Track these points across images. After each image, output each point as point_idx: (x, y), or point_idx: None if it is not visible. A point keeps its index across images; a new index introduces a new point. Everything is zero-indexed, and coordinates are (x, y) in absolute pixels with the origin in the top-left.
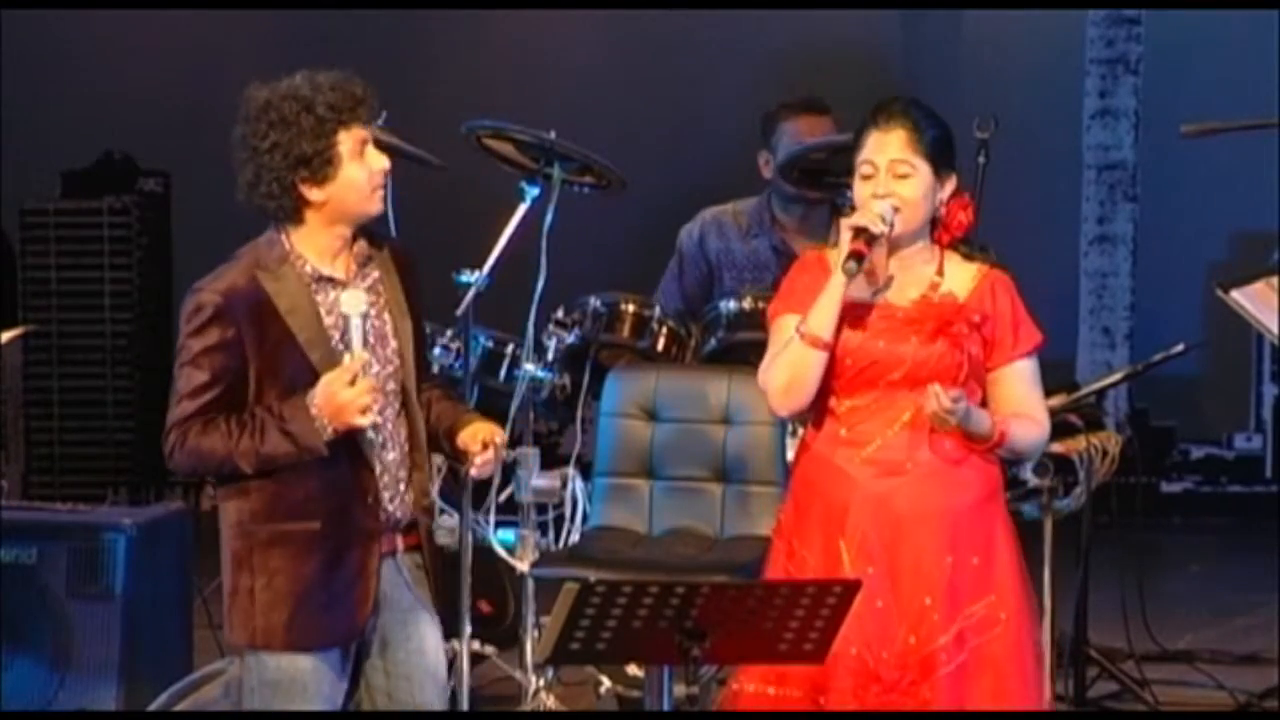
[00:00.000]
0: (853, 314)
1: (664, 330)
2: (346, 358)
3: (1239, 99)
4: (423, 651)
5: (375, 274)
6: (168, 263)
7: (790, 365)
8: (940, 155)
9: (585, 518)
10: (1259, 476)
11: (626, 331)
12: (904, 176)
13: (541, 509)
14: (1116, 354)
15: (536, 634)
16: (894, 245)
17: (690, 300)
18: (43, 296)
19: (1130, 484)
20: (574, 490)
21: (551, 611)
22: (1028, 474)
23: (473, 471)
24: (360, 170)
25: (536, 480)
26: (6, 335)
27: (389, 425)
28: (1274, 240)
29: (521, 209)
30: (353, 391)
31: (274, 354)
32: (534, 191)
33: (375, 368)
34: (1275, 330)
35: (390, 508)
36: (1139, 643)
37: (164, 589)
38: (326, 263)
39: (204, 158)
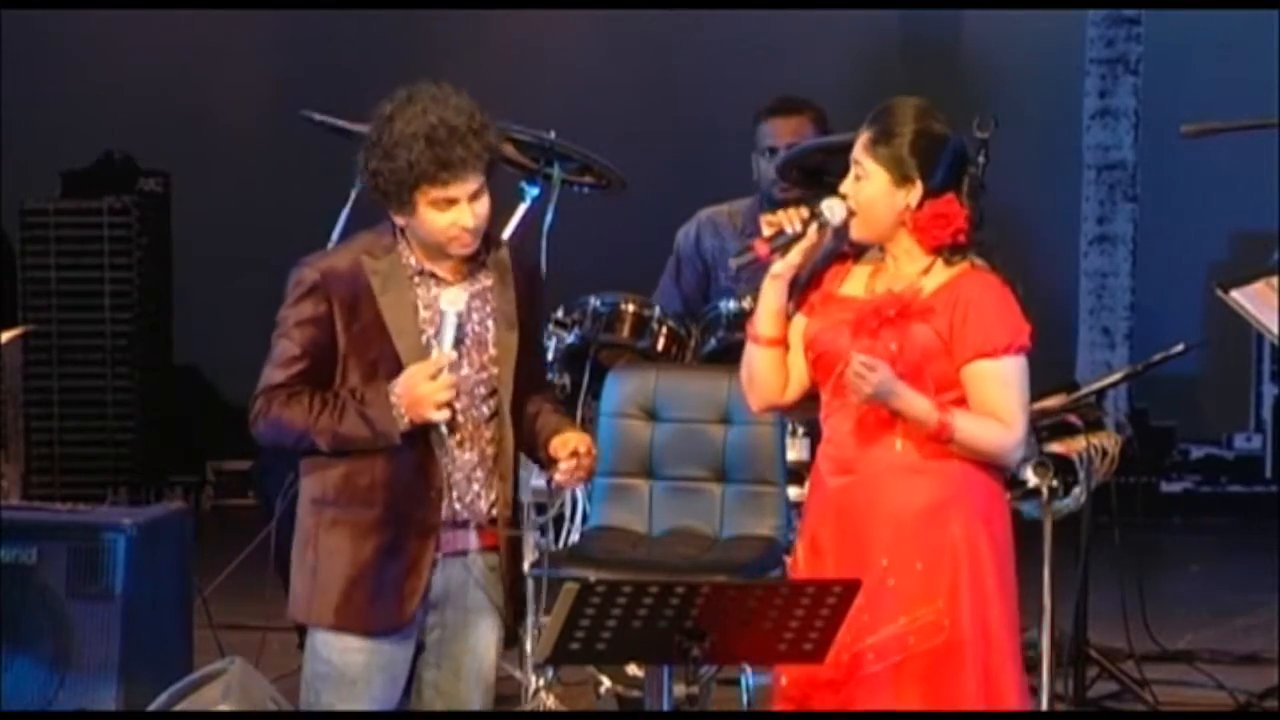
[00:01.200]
0: (825, 306)
1: (664, 330)
2: (434, 352)
3: (1239, 99)
4: (476, 651)
5: (487, 282)
6: (168, 263)
7: (746, 363)
8: (897, 162)
9: (585, 518)
10: (1259, 476)
11: (626, 331)
12: (859, 178)
13: (541, 509)
14: (1116, 354)
15: (536, 634)
16: (866, 243)
17: (688, 301)
18: (43, 296)
19: (1130, 484)
20: (574, 490)
21: (551, 611)
22: (1027, 474)
23: (556, 477)
24: (439, 219)
25: (536, 480)
26: (6, 335)
27: (469, 426)
28: (1274, 240)
29: (521, 209)
30: (433, 386)
31: (362, 335)
32: (534, 191)
33: (465, 370)
34: (1275, 330)
35: (458, 507)
36: (1139, 643)
37: (164, 589)
38: (433, 259)
39: (204, 158)
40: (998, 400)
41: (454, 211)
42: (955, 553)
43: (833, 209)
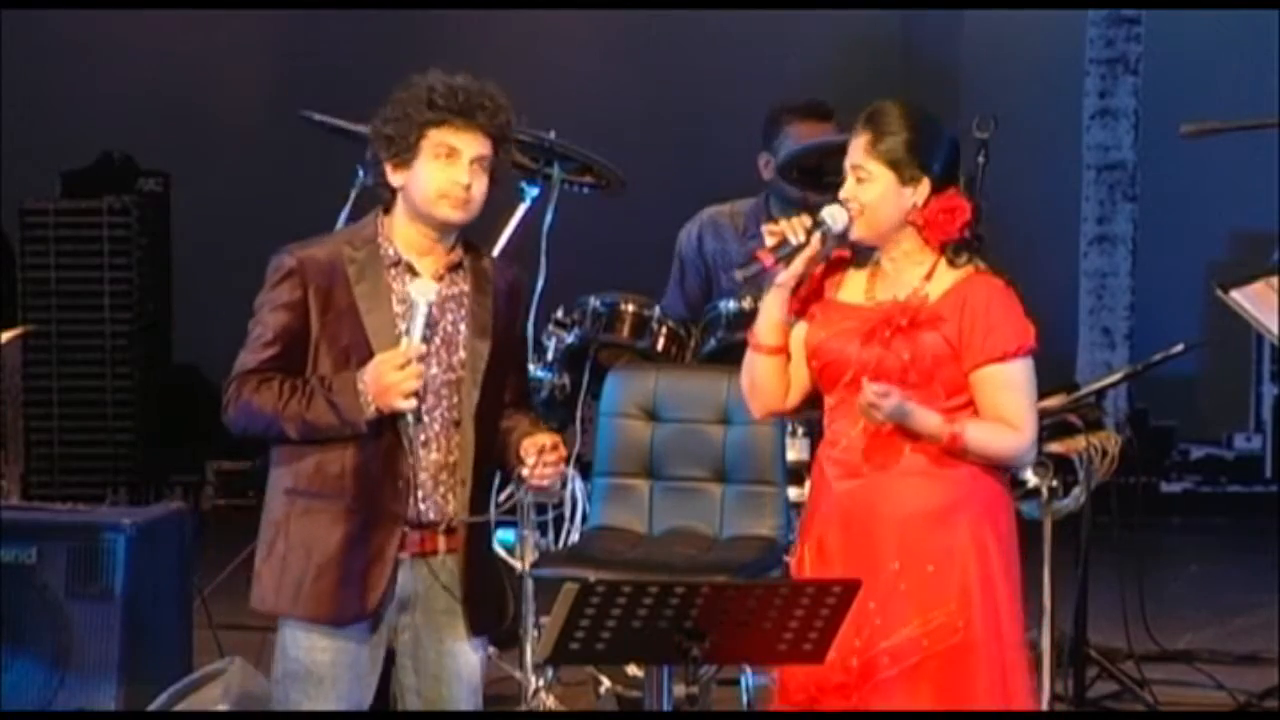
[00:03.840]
0: (827, 314)
1: (664, 330)
2: (404, 342)
3: (1239, 99)
4: (453, 654)
5: (464, 286)
6: (167, 263)
7: (747, 370)
8: (902, 161)
9: (585, 518)
10: (1259, 476)
11: (626, 331)
12: (861, 181)
13: (541, 509)
14: (1116, 354)
15: (536, 634)
16: (864, 246)
17: (693, 306)
18: (43, 296)
19: (1130, 484)
20: (574, 490)
21: (551, 611)
22: (1028, 474)
23: (524, 473)
24: (435, 171)
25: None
26: (6, 335)
27: (435, 427)
28: (1274, 240)
29: (521, 209)
30: (401, 375)
31: (336, 323)
32: (534, 191)
33: (434, 370)
34: (1275, 330)
35: (423, 506)
36: (1139, 643)
37: (164, 589)
38: (413, 255)
39: (204, 158)
40: (1006, 404)
41: (455, 167)
42: (965, 554)
43: (834, 216)
